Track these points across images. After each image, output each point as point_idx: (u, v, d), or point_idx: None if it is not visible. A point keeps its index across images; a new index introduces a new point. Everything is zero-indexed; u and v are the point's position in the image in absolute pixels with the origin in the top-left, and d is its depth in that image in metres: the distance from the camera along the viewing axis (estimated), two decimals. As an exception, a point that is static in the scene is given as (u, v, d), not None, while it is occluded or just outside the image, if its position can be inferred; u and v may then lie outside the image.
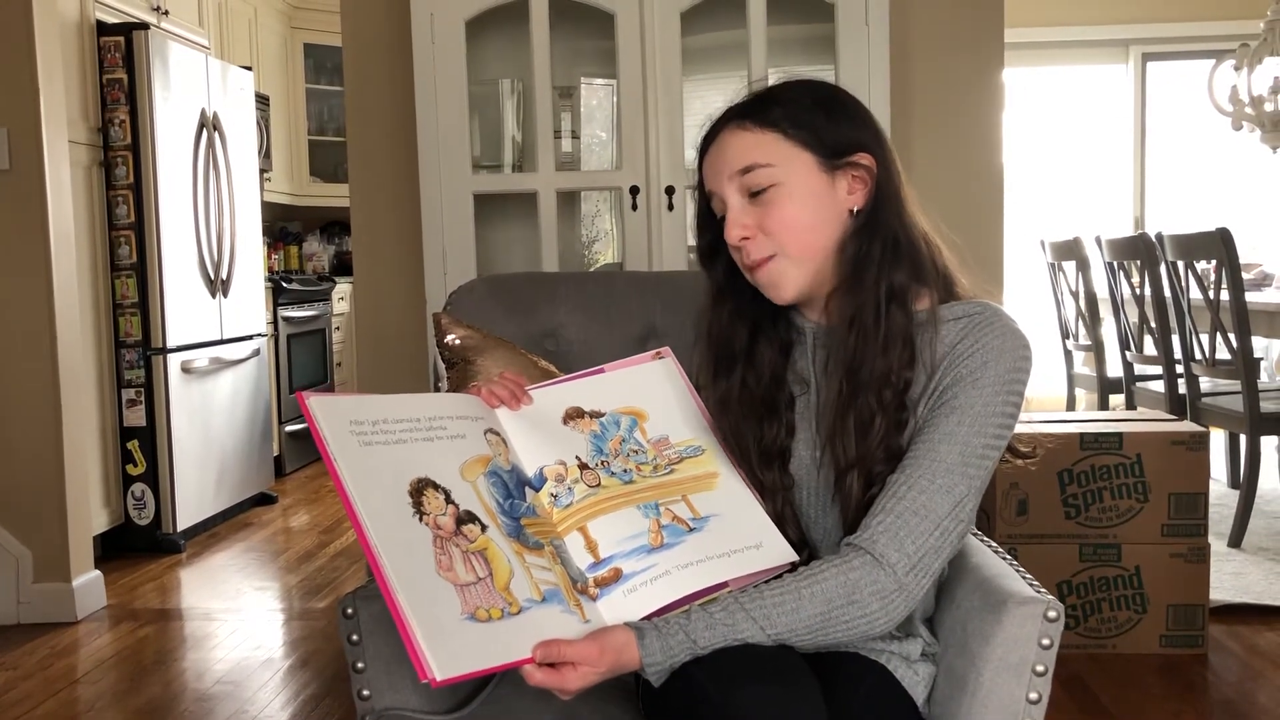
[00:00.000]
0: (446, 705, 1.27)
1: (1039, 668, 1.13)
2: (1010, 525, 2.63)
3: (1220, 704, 2.40)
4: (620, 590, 1.11)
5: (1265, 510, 3.81)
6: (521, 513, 1.14)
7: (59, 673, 2.76)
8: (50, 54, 3.12)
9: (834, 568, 1.09)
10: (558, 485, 1.17)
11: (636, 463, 1.21)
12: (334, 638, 2.95)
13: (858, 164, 1.21)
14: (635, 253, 2.58)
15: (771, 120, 1.20)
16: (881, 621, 1.09)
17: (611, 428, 1.23)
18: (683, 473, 1.22)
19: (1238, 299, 3.41)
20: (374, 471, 1.08)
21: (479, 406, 1.21)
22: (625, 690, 1.26)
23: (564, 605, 1.08)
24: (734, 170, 1.20)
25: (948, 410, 1.14)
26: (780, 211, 1.19)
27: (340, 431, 1.09)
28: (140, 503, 3.89)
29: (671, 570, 1.12)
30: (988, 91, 2.75)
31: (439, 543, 1.06)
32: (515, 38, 2.67)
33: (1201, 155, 6.21)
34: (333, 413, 1.10)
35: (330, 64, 6.03)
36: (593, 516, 1.15)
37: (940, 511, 1.11)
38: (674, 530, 1.16)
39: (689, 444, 1.25)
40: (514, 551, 1.09)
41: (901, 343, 1.16)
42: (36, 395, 3.11)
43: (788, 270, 1.20)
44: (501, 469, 1.16)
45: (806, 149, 1.20)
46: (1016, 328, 1.17)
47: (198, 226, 4.14)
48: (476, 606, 1.03)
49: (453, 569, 1.04)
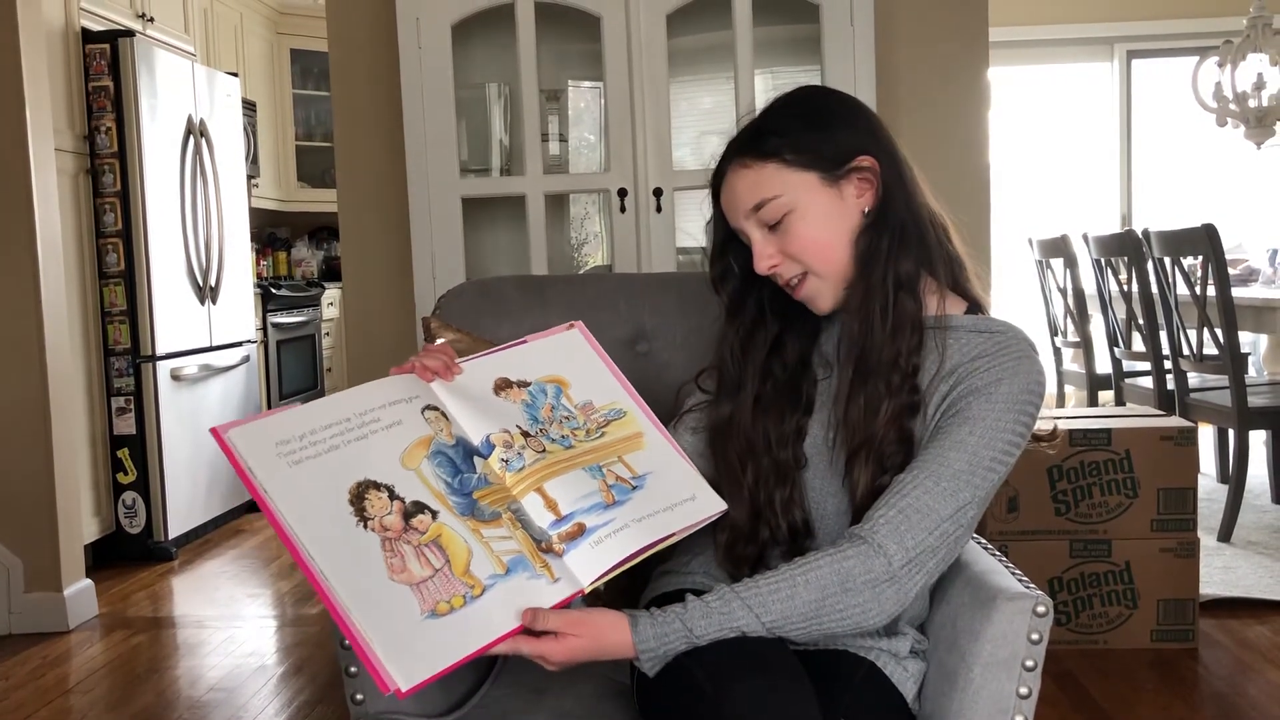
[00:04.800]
0: (440, 708, 1.27)
1: (1029, 663, 1.14)
2: (1001, 522, 2.64)
3: (1211, 697, 2.41)
4: (587, 543, 1.12)
5: (1254, 504, 3.83)
6: (473, 486, 1.13)
7: (51, 682, 2.75)
8: (36, 62, 3.11)
9: (829, 557, 1.11)
10: (507, 451, 1.17)
11: (570, 428, 1.24)
12: (326, 644, 2.95)
13: (860, 167, 1.24)
14: (624, 254, 2.59)
15: (769, 151, 1.24)
16: (874, 612, 1.11)
17: (540, 396, 1.26)
18: (612, 435, 1.25)
19: (1224, 294, 3.43)
20: (309, 490, 1.06)
21: (412, 385, 1.20)
22: (619, 689, 1.27)
23: (530, 571, 1.09)
24: (747, 209, 1.25)
25: (960, 420, 1.17)
26: (798, 236, 1.23)
27: (266, 458, 1.07)
28: (131, 511, 3.88)
29: (629, 524, 1.15)
30: (973, 90, 2.76)
31: (388, 545, 1.06)
32: (501, 41, 2.67)
33: (1187, 152, 6.24)
34: (255, 439, 1.08)
35: (316, 69, 6.03)
36: (547, 478, 1.16)
37: (942, 513, 1.13)
38: (620, 489, 1.19)
39: (611, 407, 1.28)
40: (470, 530, 1.09)
41: (910, 329, 1.21)
42: (26, 404, 3.11)
43: (819, 286, 1.26)
44: (445, 446, 1.16)
45: (808, 170, 1.23)
46: (1036, 357, 1.21)
47: (186, 233, 4.13)
48: (437, 601, 1.03)
49: (406, 569, 1.04)
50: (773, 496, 1.24)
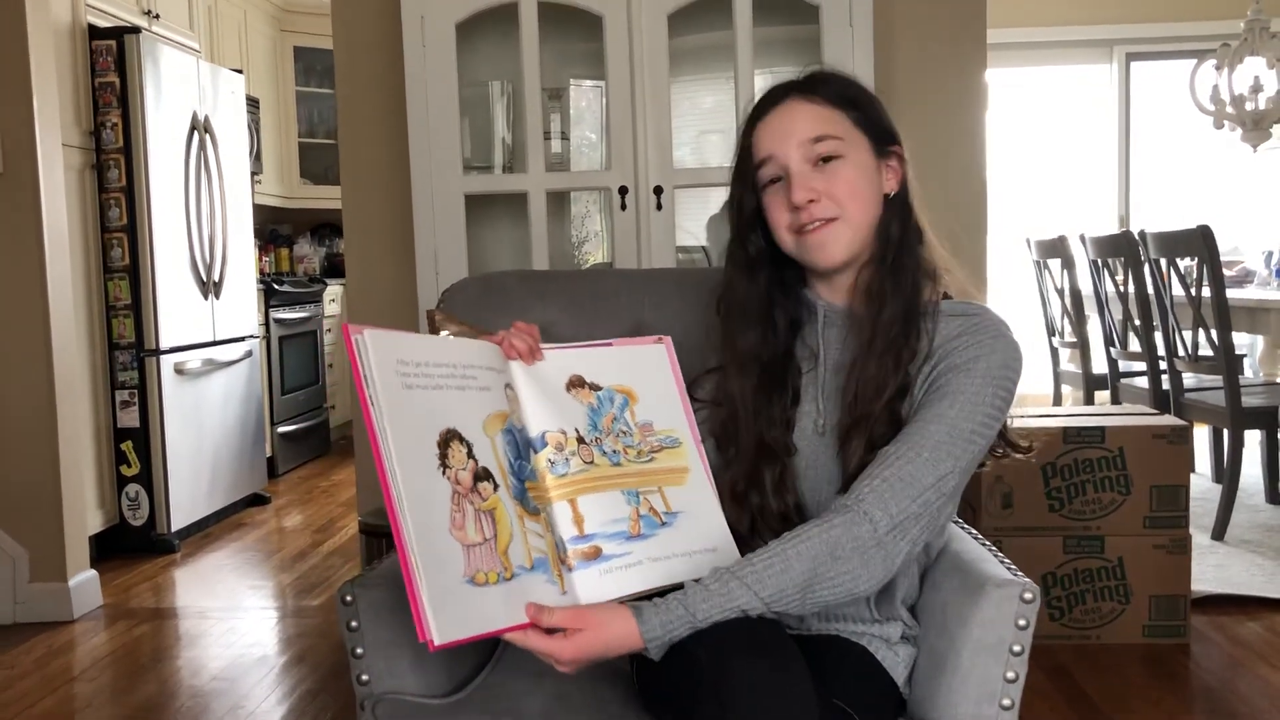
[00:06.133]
0: (444, 689, 1.30)
1: (1016, 648, 1.17)
2: (995, 518, 2.67)
3: (1202, 692, 2.44)
4: (597, 569, 1.14)
5: (1248, 504, 3.86)
6: (527, 475, 1.15)
7: (56, 671, 2.78)
8: (43, 58, 3.14)
9: (816, 527, 1.14)
10: (556, 453, 1.19)
11: (624, 445, 1.24)
12: (328, 634, 2.98)
13: (895, 153, 1.31)
14: (624, 252, 2.62)
15: (836, 99, 1.29)
16: (864, 577, 1.13)
17: (606, 403, 1.26)
18: (660, 463, 1.26)
19: (1219, 295, 3.46)
20: (411, 416, 1.08)
21: (499, 358, 1.22)
22: (617, 671, 1.29)
23: (549, 575, 1.11)
24: (804, 138, 1.27)
25: (939, 395, 1.21)
26: (845, 179, 1.27)
27: (387, 370, 1.08)
28: (135, 503, 3.91)
29: (644, 561, 1.16)
30: (971, 91, 2.79)
31: (455, 498, 1.07)
32: (505, 40, 2.69)
33: (1184, 154, 6.27)
34: (384, 348, 1.09)
35: (320, 66, 6.05)
36: (584, 492, 1.18)
37: (924, 481, 1.16)
38: (649, 522, 1.20)
39: (669, 434, 1.29)
40: (516, 515, 1.11)
41: (917, 313, 1.26)
42: (32, 397, 3.14)
43: (843, 233, 1.28)
44: (515, 427, 1.17)
45: (864, 132, 1.29)
46: (1011, 335, 1.26)
47: (189, 229, 4.16)
48: (477, 570, 1.05)
49: (464, 528, 1.06)
50: (763, 478, 1.27)
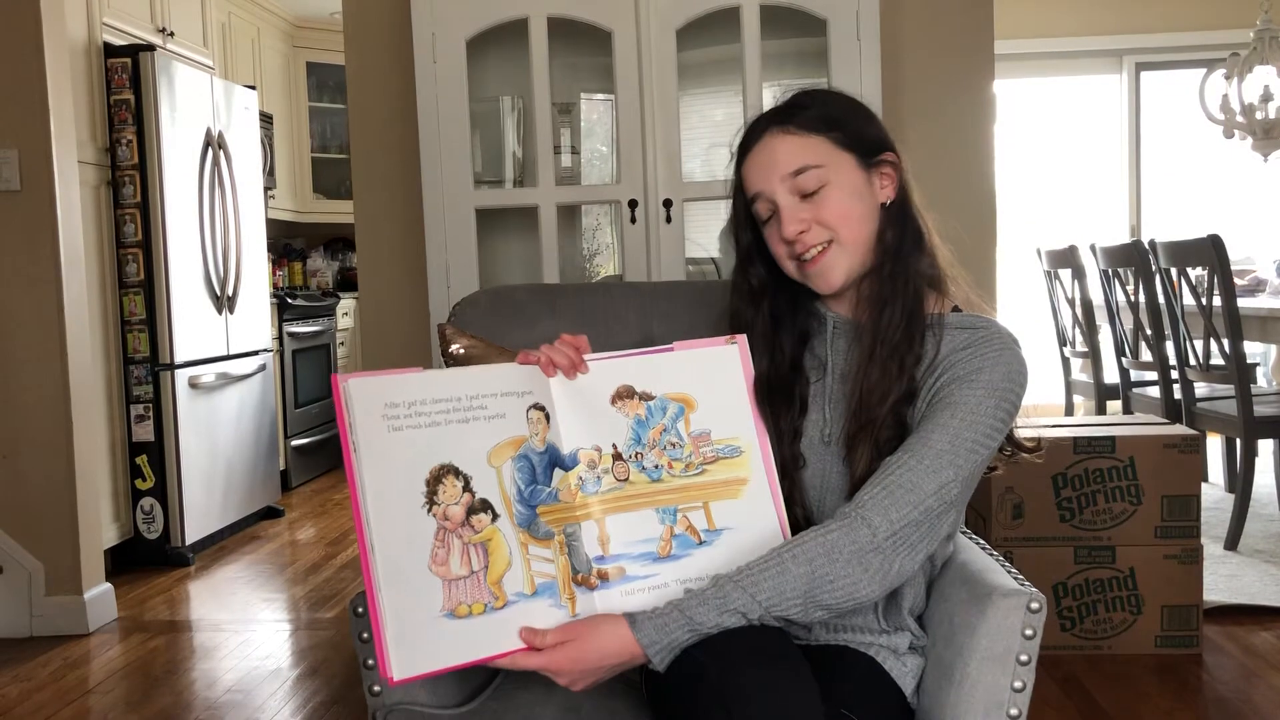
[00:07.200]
0: (455, 700, 1.31)
1: (1023, 657, 1.18)
2: (1006, 529, 2.67)
3: (1215, 703, 2.43)
4: (619, 590, 1.15)
5: (1261, 513, 3.84)
6: (541, 500, 1.16)
7: (72, 684, 2.80)
8: (60, 76, 3.18)
9: (815, 533, 1.15)
10: (588, 471, 1.19)
11: (670, 458, 1.21)
12: (342, 647, 2.99)
13: (886, 161, 1.31)
14: (634, 265, 2.63)
15: (813, 124, 1.29)
16: (864, 582, 1.13)
17: (657, 413, 1.23)
18: (712, 475, 1.22)
19: (1230, 305, 3.46)
20: (394, 459, 1.10)
21: (530, 378, 1.20)
22: (629, 684, 1.30)
23: (555, 599, 1.12)
24: (785, 173, 1.28)
25: (943, 405, 1.22)
26: (834, 205, 1.28)
27: (370, 416, 1.10)
28: (149, 517, 3.93)
29: (670, 583, 1.17)
30: (979, 102, 2.80)
31: (441, 535, 1.10)
32: (515, 56, 2.71)
33: (1195, 163, 6.26)
34: (368, 395, 1.11)
35: (332, 82, 6.10)
36: (612, 511, 1.18)
37: (926, 490, 1.17)
38: (684, 541, 1.19)
39: (729, 443, 1.24)
40: (519, 542, 1.13)
41: (920, 319, 1.27)
42: (48, 411, 3.17)
43: (840, 258, 1.29)
44: (533, 451, 1.17)
45: (847, 150, 1.29)
46: (1018, 349, 1.26)
47: (204, 244, 4.20)
48: (459, 603, 1.07)
49: (446, 563, 1.09)
50: None
